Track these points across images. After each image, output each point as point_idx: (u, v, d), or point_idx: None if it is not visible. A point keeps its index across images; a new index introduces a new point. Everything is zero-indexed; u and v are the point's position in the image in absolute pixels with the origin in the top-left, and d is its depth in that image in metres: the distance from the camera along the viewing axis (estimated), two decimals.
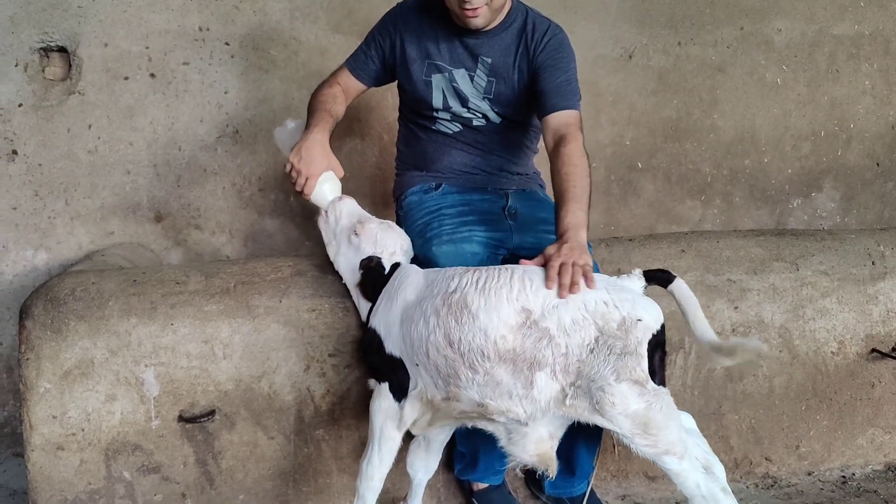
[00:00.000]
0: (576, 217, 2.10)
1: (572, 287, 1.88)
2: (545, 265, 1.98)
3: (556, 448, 1.99)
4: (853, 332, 2.69)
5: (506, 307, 1.88)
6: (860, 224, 3.82)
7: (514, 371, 1.87)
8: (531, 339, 1.86)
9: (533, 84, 2.43)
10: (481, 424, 2.01)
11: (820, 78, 3.70)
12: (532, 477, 2.54)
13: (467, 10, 2.28)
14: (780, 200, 3.76)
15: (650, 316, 1.90)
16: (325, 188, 2.34)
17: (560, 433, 2.00)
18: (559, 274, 1.91)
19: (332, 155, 2.35)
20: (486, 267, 1.99)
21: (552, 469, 1.98)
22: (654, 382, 1.89)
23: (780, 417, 2.68)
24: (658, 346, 1.90)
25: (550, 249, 2.01)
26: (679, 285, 1.99)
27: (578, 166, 2.20)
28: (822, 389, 2.70)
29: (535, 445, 1.96)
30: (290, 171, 2.31)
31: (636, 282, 1.99)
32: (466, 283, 1.93)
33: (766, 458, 2.70)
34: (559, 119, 2.33)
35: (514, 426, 1.95)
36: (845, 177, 3.79)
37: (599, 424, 1.91)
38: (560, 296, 1.88)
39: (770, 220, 3.76)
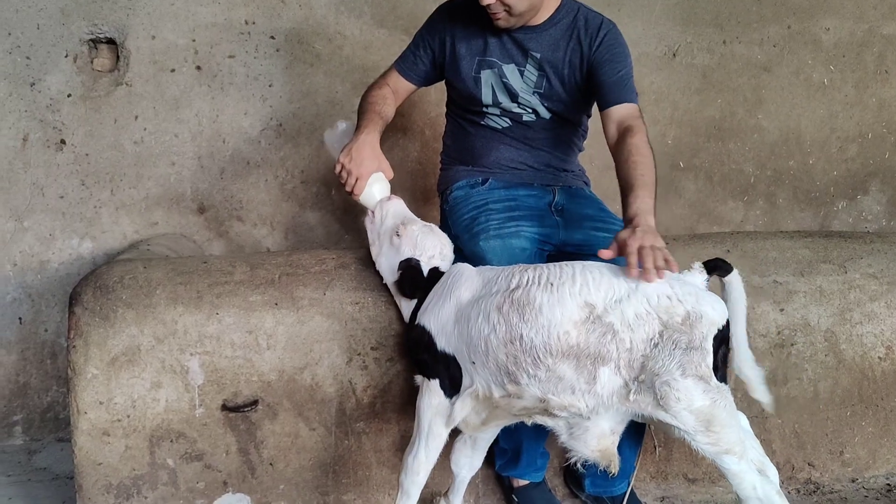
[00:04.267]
0: (645, 203, 2.07)
1: (659, 271, 1.85)
2: (621, 252, 1.94)
3: (617, 444, 1.98)
4: None
5: (569, 302, 1.87)
6: None
7: (578, 366, 1.86)
8: (595, 335, 1.85)
9: (588, 79, 2.42)
10: (541, 420, 2.00)
11: (868, 79, 3.63)
12: (572, 475, 2.53)
13: (489, 12, 2.31)
14: (825, 203, 3.69)
15: (715, 311, 1.87)
16: (375, 189, 2.35)
17: (621, 429, 1.98)
18: (642, 258, 1.86)
19: (382, 156, 2.36)
20: (548, 263, 1.99)
21: (614, 465, 1.97)
22: (717, 378, 1.87)
23: (824, 423, 2.64)
24: (723, 341, 1.88)
25: (623, 234, 1.96)
26: (734, 279, 1.96)
27: (645, 156, 2.19)
28: (869, 395, 2.64)
29: (598, 441, 1.95)
30: (341, 171, 2.32)
31: (698, 276, 1.96)
32: (529, 280, 1.93)
33: (809, 464, 2.66)
34: (622, 111, 2.33)
35: (575, 421, 1.95)
36: (892, 179, 3.71)
37: (662, 420, 1.89)
38: (647, 279, 1.84)
39: (814, 223, 3.70)
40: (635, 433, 2.30)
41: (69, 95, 3.20)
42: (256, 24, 3.25)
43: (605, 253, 1.96)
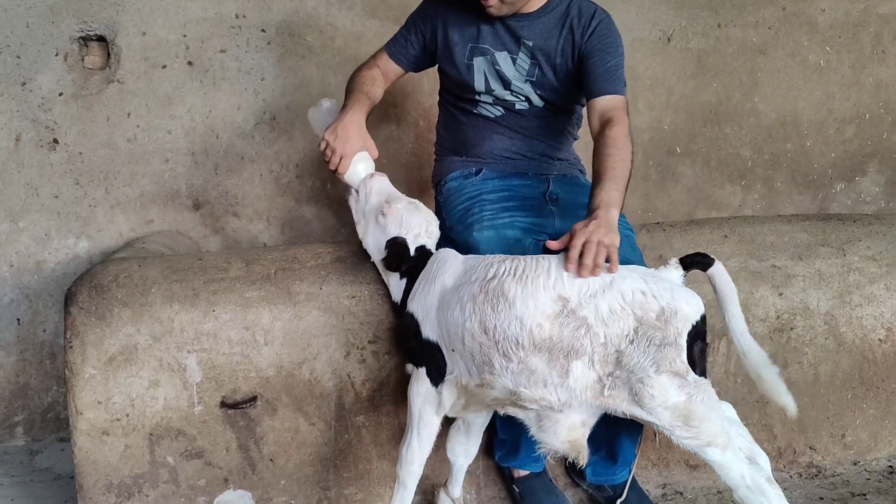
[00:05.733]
0: (609, 195, 2.06)
1: (594, 270, 1.86)
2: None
3: (587, 435, 1.97)
4: None
5: (542, 295, 1.86)
6: None
7: (550, 360, 1.85)
8: (569, 328, 1.84)
9: (579, 68, 2.41)
10: (512, 411, 2.00)
11: (865, 59, 3.61)
12: (573, 464, 2.53)
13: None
14: (823, 185, 3.68)
15: (689, 307, 1.86)
16: (360, 168, 2.33)
17: (592, 421, 1.96)
18: (582, 253, 1.88)
19: (367, 135, 2.35)
20: (525, 256, 1.97)
21: (583, 457, 1.95)
22: (695, 373, 1.85)
23: (825, 406, 2.63)
24: (698, 336, 1.86)
25: (578, 226, 1.98)
26: (718, 270, 1.94)
27: (620, 149, 2.18)
28: (869, 377, 2.64)
29: (568, 432, 1.93)
30: (325, 149, 2.30)
31: (674, 272, 1.94)
32: (504, 271, 1.92)
33: (810, 447, 2.65)
34: (606, 103, 2.31)
35: (545, 413, 1.93)
36: (890, 160, 3.70)
37: (638, 416, 1.88)
38: (579, 275, 1.86)
39: (812, 206, 3.69)
40: (635, 421, 2.29)
41: (61, 94, 3.18)
42: (247, 18, 3.22)
43: (553, 244, 1.98)
